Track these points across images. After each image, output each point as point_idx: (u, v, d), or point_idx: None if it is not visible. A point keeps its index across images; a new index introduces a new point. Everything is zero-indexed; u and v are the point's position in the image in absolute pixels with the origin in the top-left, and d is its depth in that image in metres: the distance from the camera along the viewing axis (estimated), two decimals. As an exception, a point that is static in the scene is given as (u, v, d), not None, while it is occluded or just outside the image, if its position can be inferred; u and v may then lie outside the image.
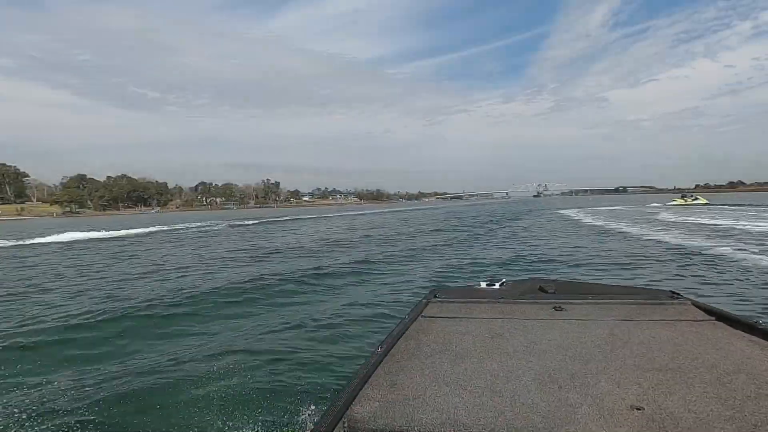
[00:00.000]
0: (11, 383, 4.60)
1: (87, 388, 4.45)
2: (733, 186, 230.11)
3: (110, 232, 32.72)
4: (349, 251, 16.03)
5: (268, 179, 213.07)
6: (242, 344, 5.76)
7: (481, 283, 3.50)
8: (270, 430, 3.64)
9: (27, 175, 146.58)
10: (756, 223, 20.50)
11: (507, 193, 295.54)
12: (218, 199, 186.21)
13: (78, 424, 3.72)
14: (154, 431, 3.69)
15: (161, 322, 6.98)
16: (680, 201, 48.07)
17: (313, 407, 3.81)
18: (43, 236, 30.15)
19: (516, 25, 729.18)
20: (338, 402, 1.53)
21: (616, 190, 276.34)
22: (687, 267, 9.97)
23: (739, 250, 12.07)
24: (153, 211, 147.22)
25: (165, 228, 37.12)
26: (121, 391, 4.35)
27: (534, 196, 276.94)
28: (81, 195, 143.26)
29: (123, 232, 32.64)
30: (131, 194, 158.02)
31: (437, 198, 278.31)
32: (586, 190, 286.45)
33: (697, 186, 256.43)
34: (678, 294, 2.82)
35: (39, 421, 3.78)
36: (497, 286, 3.37)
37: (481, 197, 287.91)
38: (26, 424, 3.74)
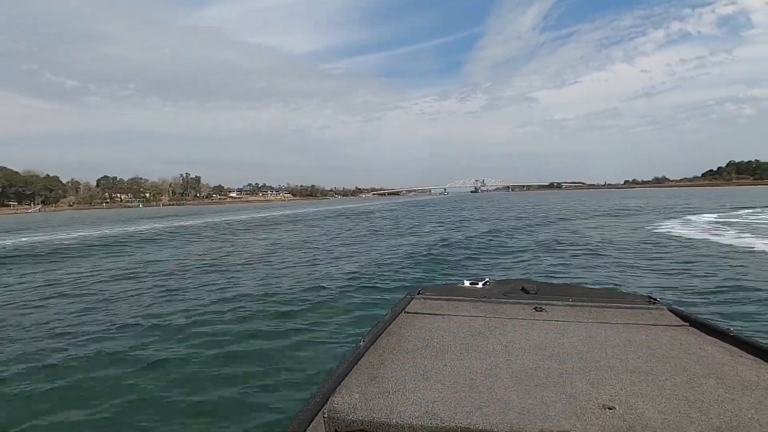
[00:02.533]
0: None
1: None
2: (658, 181, 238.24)
3: None
4: None
5: (187, 173, 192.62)
6: (219, 337, 6.02)
7: (465, 281, 3.47)
8: (251, 420, 3.74)
9: None
10: None
11: (445, 189, 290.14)
12: (122, 196, 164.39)
13: None
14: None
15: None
16: None
17: (294, 398, 4.04)
18: None
19: (452, 24, 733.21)
20: (319, 393, 1.57)
21: (551, 186, 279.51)
22: None
23: None
24: (32, 210, 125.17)
25: None
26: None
27: (472, 191, 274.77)
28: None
29: None
30: (7, 190, 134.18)
31: (374, 194, 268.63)
32: (522, 186, 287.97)
33: (626, 181, 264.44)
34: (655, 299, 2.84)
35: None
36: (480, 285, 3.35)
37: (418, 193, 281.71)
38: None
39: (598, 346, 1.98)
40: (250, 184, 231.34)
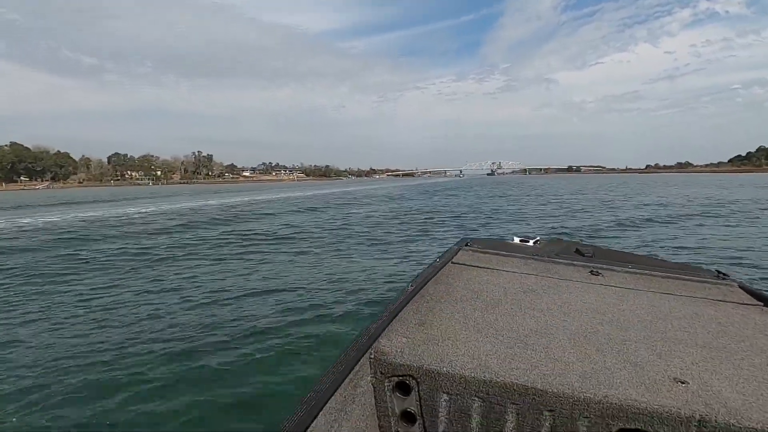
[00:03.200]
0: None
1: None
2: (681, 166, 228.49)
3: None
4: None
5: (199, 152, 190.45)
6: (276, 284, 7.12)
7: (515, 238, 3.37)
8: (298, 359, 4.01)
9: None
10: None
11: (461, 171, 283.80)
12: (133, 174, 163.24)
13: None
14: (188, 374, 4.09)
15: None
16: None
17: (341, 338, 4.30)
18: None
19: (471, 3, 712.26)
20: (365, 335, 1.54)
21: (569, 169, 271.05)
22: None
23: None
24: (40, 187, 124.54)
25: None
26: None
27: (488, 174, 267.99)
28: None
29: None
30: (16, 166, 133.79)
31: (389, 175, 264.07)
32: (540, 169, 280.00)
33: (647, 166, 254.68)
34: (725, 275, 2.62)
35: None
36: (531, 243, 3.24)
37: (433, 174, 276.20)
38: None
39: (662, 316, 1.83)
40: (263, 163, 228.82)
